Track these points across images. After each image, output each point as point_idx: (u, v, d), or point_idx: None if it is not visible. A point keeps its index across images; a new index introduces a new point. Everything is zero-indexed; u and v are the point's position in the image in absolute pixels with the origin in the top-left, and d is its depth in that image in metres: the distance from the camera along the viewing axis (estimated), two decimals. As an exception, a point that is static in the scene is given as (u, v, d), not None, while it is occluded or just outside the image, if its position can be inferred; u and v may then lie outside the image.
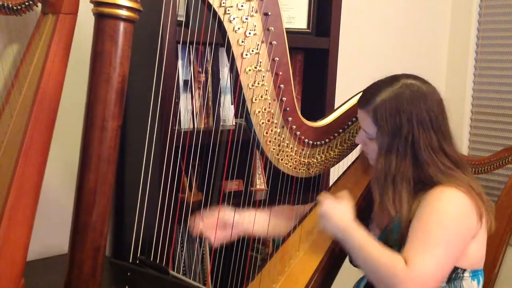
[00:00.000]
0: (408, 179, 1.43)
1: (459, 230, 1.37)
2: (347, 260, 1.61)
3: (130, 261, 1.25)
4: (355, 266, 1.57)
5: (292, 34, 2.01)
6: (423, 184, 1.43)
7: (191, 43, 1.69)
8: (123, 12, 1.21)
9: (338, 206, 1.48)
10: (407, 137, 1.41)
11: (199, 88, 1.85)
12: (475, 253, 1.44)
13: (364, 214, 1.62)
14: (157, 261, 1.37)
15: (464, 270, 1.42)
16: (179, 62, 1.78)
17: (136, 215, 1.38)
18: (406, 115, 1.40)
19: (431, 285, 1.33)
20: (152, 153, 1.57)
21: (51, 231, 1.79)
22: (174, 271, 1.23)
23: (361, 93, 1.52)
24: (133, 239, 1.34)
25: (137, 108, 1.75)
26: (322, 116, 1.66)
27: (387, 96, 1.42)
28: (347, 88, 1.83)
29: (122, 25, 1.22)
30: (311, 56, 2.13)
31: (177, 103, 1.75)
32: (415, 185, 1.44)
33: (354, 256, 1.43)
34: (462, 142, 2.98)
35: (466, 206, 1.38)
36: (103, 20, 1.21)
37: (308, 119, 1.59)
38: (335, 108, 1.73)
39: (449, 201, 1.39)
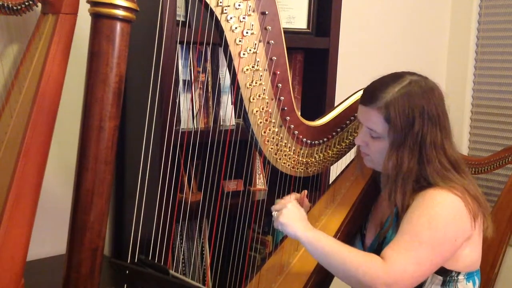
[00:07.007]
0: (414, 177, 1.41)
1: (448, 233, 1.35)
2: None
3: (129, 260, 1.25)
4: None
5: (292, 34, 2.02)
6: (417, 182, 1.41)
7: (188, 42, 1.69)
8: (120, 12, 1.21)
9: (297, 213, 1.43)
10: (418, 133, 1.39)
11: (199, 88, 1.85)
12: (469, 256, 1.42)
13: (361, 216, 1.62)
14: (156, 261, 1.38)
15: (458, 273, 1.41)
16: (179, 62, 1.79)
17: (134, 215, 1.38)
18: (418, 110, 1.39)
19: (410, 282, 1.32)
20: (152, 153, 1.57)
21: (51, 231, 1.80)
22: (173, 271, 1.23)
23: (362, 91, 1.49)
24: (131, 239, 1.34)
25: (136, 108, 1.76)
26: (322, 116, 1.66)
27: (398, 93, 1.40)
28: (347, 88, 1.83)
29: (119, 25, 1.22)
30: (311, 56, 2.13)
31: (176, 103, 1.76)
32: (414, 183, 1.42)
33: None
34: (462, 142, 2.98)
35: (458, 209, 1.37)
36: (99, 20, 1.21)
37: (308, 119, 1.59)
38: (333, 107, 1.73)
39: (441, 204, 1.37)
